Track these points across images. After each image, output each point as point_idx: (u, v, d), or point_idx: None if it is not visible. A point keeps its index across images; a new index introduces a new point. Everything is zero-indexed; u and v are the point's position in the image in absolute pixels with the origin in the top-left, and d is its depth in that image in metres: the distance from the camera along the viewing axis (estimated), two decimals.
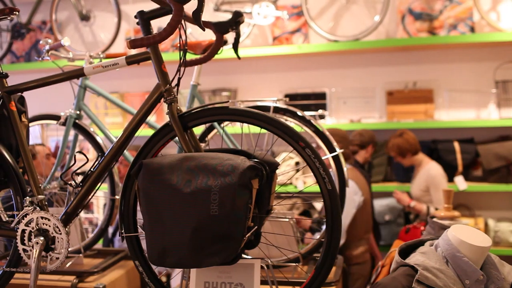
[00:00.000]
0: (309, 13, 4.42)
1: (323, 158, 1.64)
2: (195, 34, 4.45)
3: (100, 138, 2.52)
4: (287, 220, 2.25)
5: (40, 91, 2.14)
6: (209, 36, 2.40)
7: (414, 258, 1.56)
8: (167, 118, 1.74)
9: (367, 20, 4.50)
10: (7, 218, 2.23)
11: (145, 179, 1.57)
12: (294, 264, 2.24)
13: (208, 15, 4.26)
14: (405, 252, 1.66)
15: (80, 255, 2.49)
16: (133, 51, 4.73)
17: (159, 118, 4.77)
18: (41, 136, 4.23)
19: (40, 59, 2.37)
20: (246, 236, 1.53)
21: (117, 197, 2.52)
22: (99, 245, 2.99)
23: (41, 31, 5.24)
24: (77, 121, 2.53)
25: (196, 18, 1.57)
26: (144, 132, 1.90)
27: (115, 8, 4.68)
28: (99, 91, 2.53)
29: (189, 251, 1.50)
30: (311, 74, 4.73)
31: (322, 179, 1.61)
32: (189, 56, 2.36)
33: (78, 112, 2.53)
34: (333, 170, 2.22)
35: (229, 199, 1.47)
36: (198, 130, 1.97)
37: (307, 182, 4.37)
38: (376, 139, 4.13)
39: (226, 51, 2.49)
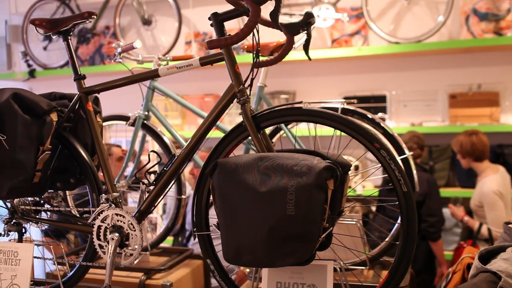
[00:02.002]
0: (369, 15, 4.37)
1: None
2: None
3: (167, 138, 2.57)
4: (354, 222, 2.22)
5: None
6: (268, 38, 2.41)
7: (496, 264, 1.50)
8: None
9: (429, 21, 4.40)
10: (77, 215, 2.31)
11: (221, 178, 1.59)
12: (361, 267, 2.21)
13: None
14: (484, 258, 1.60)
15: (147, 252, 2.54)
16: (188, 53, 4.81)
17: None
18: (103, 137, 4.36)
19: (113, 61, 2.44)
20: (322, 237, 1.52)
21: (183, 196, 2.56)
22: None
23: (104, 35, 5.41)
24: (145, 121, 2.59)
25: (273, 19, 1.58)
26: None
27: (176, 13, 4.78)
28: (167, 93, 2.59)
29: (264, 250, 1.50)
30: (371, 77, 4.67)
31: (397, 181, 1.58)
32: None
33: (146, 113, 2.59)
34: None
35: (305, 199, 1.47)
36: None
37: (366, 186, 4.32)
38: None
39: None
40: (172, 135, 2.60)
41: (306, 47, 1.94)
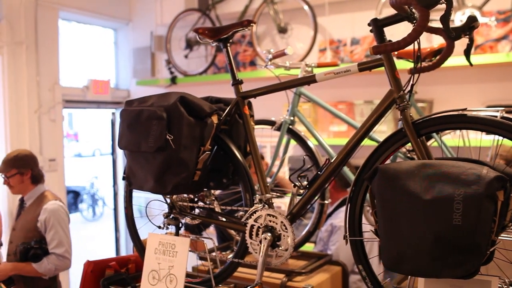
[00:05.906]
0: None
1: None
2: None
3: (312, 143, 2.60)
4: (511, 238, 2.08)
5: None
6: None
7: None
8: None
9: None
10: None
11: (382, 184, 1.58)
12: None
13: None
14: None
15: None
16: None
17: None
18: None
19: (264, 67, 2.53)
20: (490, 250, 1.45)
21: (326, 201, 2.57)
22: None
23: (240, 44, 5.63)
24: (290, 126, 2.65)
25: (444, 24, 1.54)
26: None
27: (311, 21, 4.83)
28: (313, 99, 2.63)
29: (428, 259, 1.46)
30: None
31: None
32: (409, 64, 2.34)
33: (292, 118, 2.65)
34: None
35: (474, 210, 1.41)
36: None
37: None
38: None
39: None
40: (318, 141, 2.63)
41: (467, 52, 1.87)
